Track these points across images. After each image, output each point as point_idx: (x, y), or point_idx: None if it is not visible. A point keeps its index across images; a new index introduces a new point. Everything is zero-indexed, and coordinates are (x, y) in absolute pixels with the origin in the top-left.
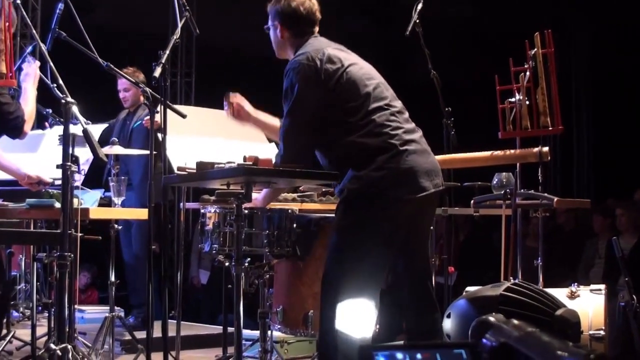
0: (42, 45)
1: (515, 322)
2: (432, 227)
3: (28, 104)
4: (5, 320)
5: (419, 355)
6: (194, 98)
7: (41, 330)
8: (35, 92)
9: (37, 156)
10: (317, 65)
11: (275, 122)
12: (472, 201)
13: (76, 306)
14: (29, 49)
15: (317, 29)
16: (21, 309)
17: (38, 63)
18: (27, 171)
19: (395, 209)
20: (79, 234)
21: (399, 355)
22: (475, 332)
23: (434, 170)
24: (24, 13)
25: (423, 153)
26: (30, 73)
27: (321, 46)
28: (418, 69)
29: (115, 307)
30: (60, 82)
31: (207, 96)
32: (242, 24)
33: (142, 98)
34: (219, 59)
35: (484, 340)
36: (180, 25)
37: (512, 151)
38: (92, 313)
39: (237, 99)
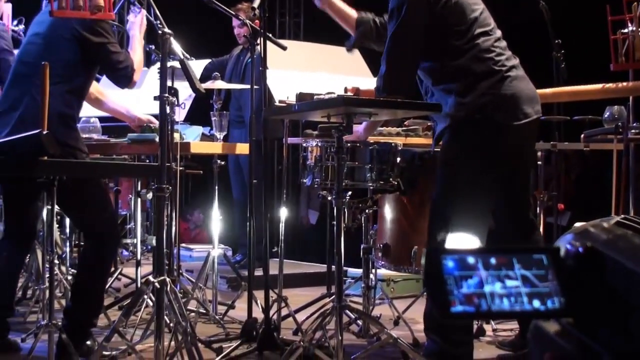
0: None
1: (605, 224)
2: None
3: (136, 53)
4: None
5: (493, 260)
6: (303, 38)
7: (149, 268)
8: (142, 40)
9: (140, 92)
10: None
11: (351, 12)
12: (582, 135)
13: (183, 244)
14: None
15: None
16: (131, 248)
17: (144, 11)
18: (137, 114)
19: (501, 135)
20: (180, 168)
21: (470, 259)
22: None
23: (535, 97)
24: None
25: (524, 79)
26: (137, 21)
27: None
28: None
29: (221, 245)
30: (160, 17)
31: (316, 36)
32: None
33: None
34: None
35: (569, 246)
36: None
37: (625, 84)
38: (200, 251)
39: None
